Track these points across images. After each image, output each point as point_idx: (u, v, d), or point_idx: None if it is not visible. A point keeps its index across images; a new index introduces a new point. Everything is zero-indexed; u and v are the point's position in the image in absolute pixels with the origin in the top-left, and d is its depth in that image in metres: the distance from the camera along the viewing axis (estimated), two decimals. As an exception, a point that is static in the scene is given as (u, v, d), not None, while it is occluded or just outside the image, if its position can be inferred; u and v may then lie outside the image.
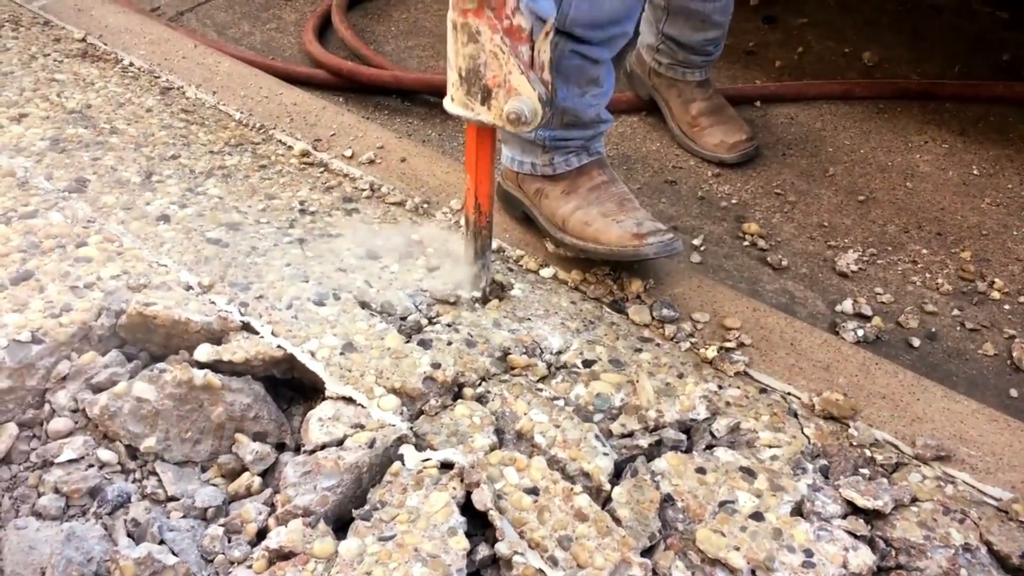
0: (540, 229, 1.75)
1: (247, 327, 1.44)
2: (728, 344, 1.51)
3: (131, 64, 2.31)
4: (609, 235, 1.61)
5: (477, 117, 1.37)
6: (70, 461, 1.28)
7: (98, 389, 1.36)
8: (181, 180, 1.81)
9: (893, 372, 1.49)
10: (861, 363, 1.50)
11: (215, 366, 1.37)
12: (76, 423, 1.33)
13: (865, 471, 1.31)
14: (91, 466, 1.29)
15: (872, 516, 1.23)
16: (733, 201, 2.11)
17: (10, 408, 1.32)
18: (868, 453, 1.34)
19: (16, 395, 1.32)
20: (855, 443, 1.35)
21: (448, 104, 1.40)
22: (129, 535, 1.19)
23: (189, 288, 1.50)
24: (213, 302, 1.47)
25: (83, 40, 2.41)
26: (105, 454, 1.29)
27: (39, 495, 1.25)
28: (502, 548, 1.12)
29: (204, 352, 1.38)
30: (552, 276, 1.67)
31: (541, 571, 1.10)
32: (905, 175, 2.20)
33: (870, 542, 1.19)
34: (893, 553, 1.19)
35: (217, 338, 1.42)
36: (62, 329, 1.38)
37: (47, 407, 1.35)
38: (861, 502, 1.22)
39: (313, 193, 1.83)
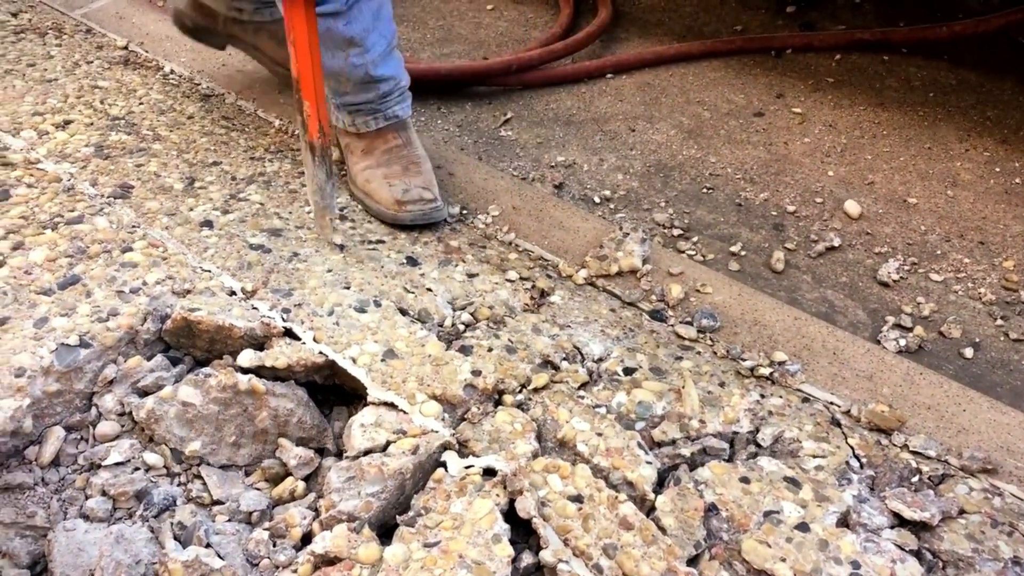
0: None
1: (289, 333, 1.45)
2: (778, 356, 1.51)
3: (172, 71, 2.34)
4: (380, 195, 1.79)
5: None
6: (117, 464, 1.30)
7: (144, 393, 1.37)
8: (223, 186, 1.82)
9: (938, 383, 1.48)
10: (905, 373, 1.49)
11: (258, 371, 1.38)
12: (123, 426, 1.35)
13: (911, 483, 1.29)
14: (137, 469, 1.30)
15: (919, 528, 1.22)
16: (771, 208, 2.09)
17: (58, 411, 1.34)
18: (914, 464, 1.33)
19: (64, 398, 1.34)
20: (900, 454, 1.34)
21: None
22: (176, 538, 1.20)
23: (232, 294, 1.51)
24: (256, 308, 1.48)
25: (125, 48, 2.45)
26: (151, 457, 1.31)
27: (86, 497, 1.27)
28: (546, 556, 1.11)
29: (247, 357, 1.39)
30: (589, 282, 1.67)
31: (586, 579, 1.10)
32: (946, 183, 2.18)
33: (917, 554, 1.18)
34: (941, 565, 1.18)
35: (260, 343, 1.44)
36: (109, 333, 1.40)
37: (94, 410, 1.36)
38: (908, 514, 1.21)
39: (353, 200, 1.84)
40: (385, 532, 1.18)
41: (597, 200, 2.09)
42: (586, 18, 2.95)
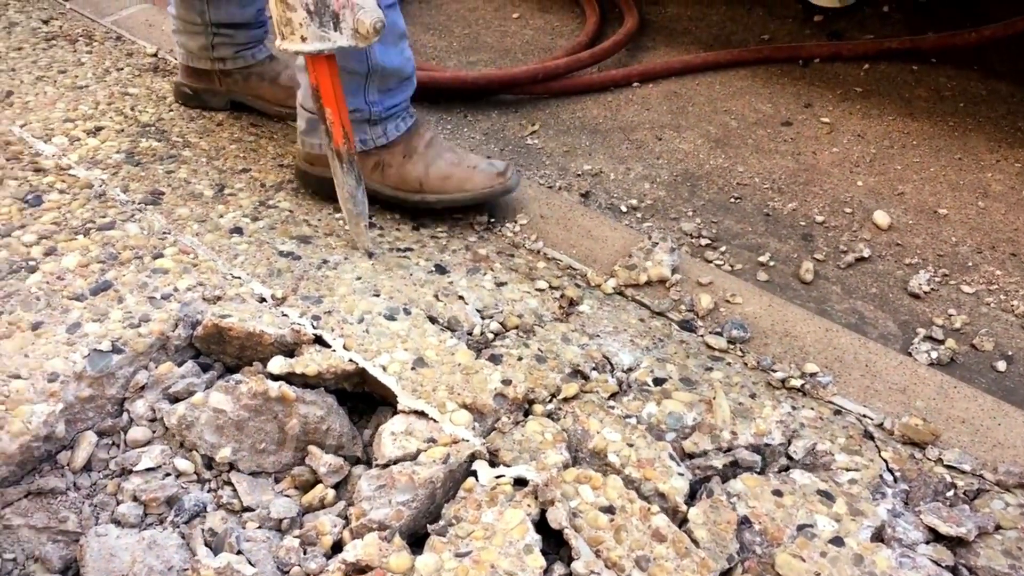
0: (386, 199, 1.82)
1: (319, 340, 1.45)
2: (810, 368, 1.49)
3: (201, 78, 2.35)
4: (474, 181, 1.77)
5: (336, 44, 1.44)
6: (148, 470, 1.30)
7: (175, 399, 1.38)
8: (252, 193, 1.83)
9: (972, 396, 1.46)
10: (939, 386, 1.47)
11: (288, 378, 1.39)
12: (154, 432, 1.35)
13: (946, 497, 1.28)
14: (168, 475, 1.30)
15: (955, 544, 1.20)
16: (800, 218, 2.08)
17: (90, 416, 1.34)
18: (948, 479, 1.31)
19: (96, 403, 1.35)
20: (934, 468, 1.32)
21: (292, 45, 1.46)
22: (207, 544, 1.20)
23: (262, 300, 1.52)
24: (286, 315, 1.48)
25: (155, 55, 2.46)
26: (182, 463, 1.31)
27: (118, 503, 1.27)
28: (578, 567, 1.11)
29: (278, 364, 1.39)
30: (618, 291, 1.66)
31: (618, 592, 1.09)
32: (977, 194, 2.16)
33: (954, 570, 1.17)
34: (977, 582, 1.17)
35: (290, 350, 1.44)
36: (141, 339, 1.40)
37: (125, 416, 1.37)
38: (944, 529, 1.19)
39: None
40: (415, 541, 1.18)
41: (624, 209, 2.09)
42: (612, 26, 2.95)
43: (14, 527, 1.22)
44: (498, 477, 1.23)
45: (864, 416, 1.42)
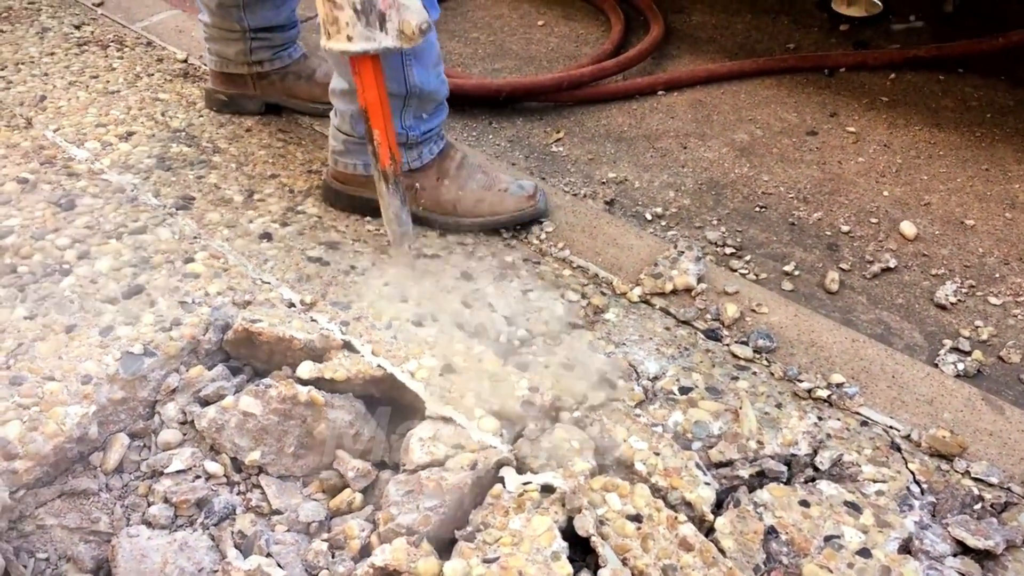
0: (420, 221, 1.82)
1: (348, 346, 1.46)
2: (836, 379, 1.49)
3: (230, 84, 2.38)
4: (506, 204, 1.82)
5: (382, 45, 1.43)
6: (178, 472, 1.32)
7: (205, 402, 1.39)
8: (281, 199, 1.85)
9: (999, 408, 1.45)
10: (966, 398, 1.47)
11: (316, 383, 1.40)
12: (184, 435, 1.37)
13: (973, 510, 1.27)
14: (198, 477, 1.32)
15: (982, 557, 1.20)
16: (825, 227, 2.08)
17: (122, 418, 1.36)
18: (976, 491, 1.31)
19: (128, 406, 1.37)
20: (962, 481, 1.32)
21: (338, 44, 1.45)
22: (236, 547, 1.21)
23: (291, 306, 1.53)
24: (315, 320, 1.50)
25: (185, 61, 2.49)
26: (212, 466, 1.33)
27: (149, 504, 1.29)
28: (605, 575, 1.11)
29: (306, 369, 1.41)
30: (643, 300, 1.67)
31: (645, 600, 1.10)
32: (1004, 205, 2.15)
33: (981, 583, 1.16)
34: (1006, 596, 1.16)
35: (319, 356, 1.45)
36: (172, 343, 1.42)
37: (157, 418, 1.39)
38: (972, 542, 1.19)
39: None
40: (443, 547, 1.19)
41: (649, 217, 2.09)
42: (637, 34, 2.95)
43: (47, 527, 1.24)
44: (525, 484, 1.24)
45: (891, 428, 1.42)
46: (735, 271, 1.90)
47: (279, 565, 1.18)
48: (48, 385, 1.33)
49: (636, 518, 1.19)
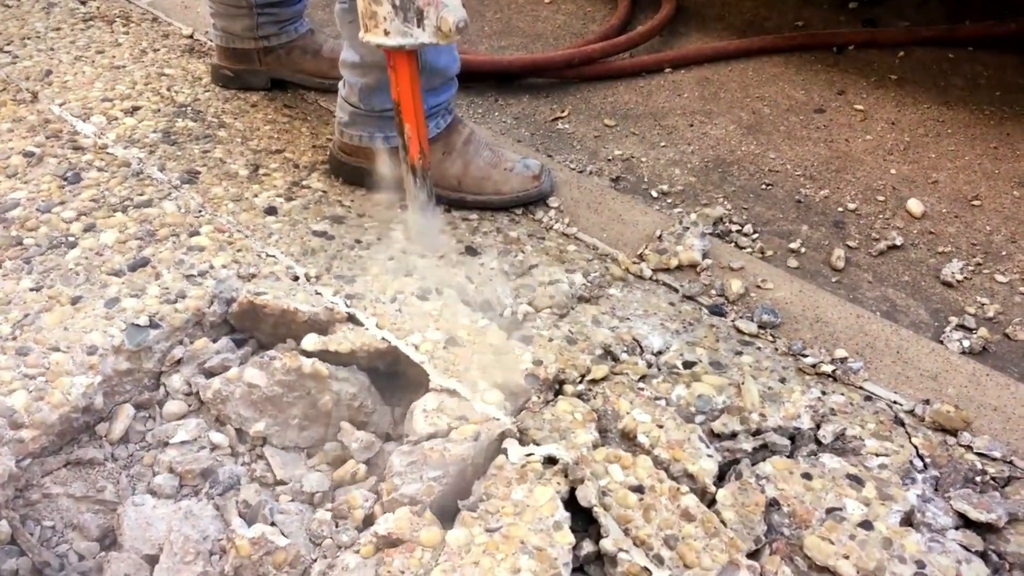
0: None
1: (352, 319, 1.46)
2: (840, 354, 1.49)
3: (236, 60, 2.37)
4: (511, 184, 1.81)
5: (418, 40, 1.42)
6: (183, 442, 1.32)
7: (210, 374, 1.40)
8: (286, 173, 1.85)
9: (1004, 384, 1.45)
10: (971, 374, 1.47)
11: (321, 355, 1.40)
12: (189, 406, 1.37)
13: (976, 484, 1.27)
14: (203, 448, 1.33)
15: (984, 530, 1.20)
16: (832, 205, 2.07)
17: (127, 389, 1.37)
18: (979, 465, 1.31)
19: (133, 377, 1.37)
20: (965, 455, 1.32)
21: (375, 38, 1.44)
22: (241, 516, 1.22)
23: (296, 279, 1.53)
24: (319, 293, 1.50)
25: (190, 36, 2.49)
26: (217, 437, 1.33)
27: (154, 474, 1.30)
28: (607, 544, 1.12)
29: (311, 341, 1.41)
30: (649, 276, 1.66)
31: (647, 569, 1.10)
32: (1013, 183, 2.14)
33: (983, 556, 1.16)
34: (1007, 568, 1.16)
35: (323, 328, 1.45)
36: (177, 315, 1.43)
37: (162, 390, 1.39)
38: (974, 515, 1.19)
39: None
40: (446, 516, 1.19)
41: (655, 194, 2.09)
42: (644, 11, 2.94)
43: (53, 496, 1.25)
44: (528, 455, 1.24)
45: (895, 403, 1.42)
46: (741, 248, 1.89)
47: (283, 534, 1.19)
48: (54, 356, 1.33)
49: (638, 489, 1.19)
